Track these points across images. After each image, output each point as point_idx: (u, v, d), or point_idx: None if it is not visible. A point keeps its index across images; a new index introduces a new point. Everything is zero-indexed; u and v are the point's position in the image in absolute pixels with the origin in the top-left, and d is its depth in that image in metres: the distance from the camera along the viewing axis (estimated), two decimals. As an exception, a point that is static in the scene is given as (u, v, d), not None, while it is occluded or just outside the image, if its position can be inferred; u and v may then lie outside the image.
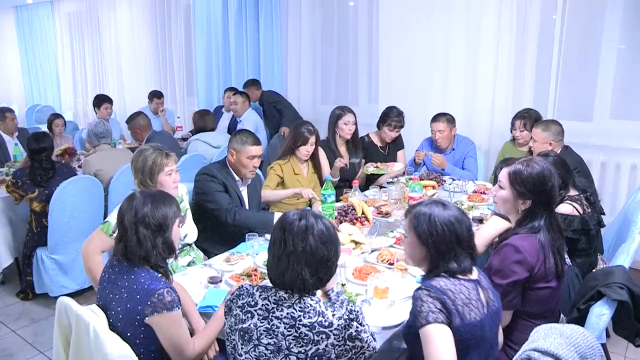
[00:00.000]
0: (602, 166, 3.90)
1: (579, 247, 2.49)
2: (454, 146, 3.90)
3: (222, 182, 2.77)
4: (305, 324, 1.39)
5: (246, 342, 1.44)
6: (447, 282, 1.53)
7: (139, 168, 2.38)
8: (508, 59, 4.10)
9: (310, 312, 1.40)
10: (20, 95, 9.97)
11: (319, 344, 1.38)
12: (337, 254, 1.50)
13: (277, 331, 1.41)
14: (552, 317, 1.99)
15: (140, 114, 4.54)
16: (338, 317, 1.40)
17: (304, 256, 1.42)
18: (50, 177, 3.42)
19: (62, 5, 8.73)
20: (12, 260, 3.70)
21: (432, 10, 4.35)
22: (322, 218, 1.50)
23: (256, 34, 5.74)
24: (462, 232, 1.56)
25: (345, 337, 1.40)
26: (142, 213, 1.70)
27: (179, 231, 1.82)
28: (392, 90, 4.68)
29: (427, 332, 1.44)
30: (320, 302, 1.44)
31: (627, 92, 3.90)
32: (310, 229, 1.44)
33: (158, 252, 1.70)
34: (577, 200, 2.46)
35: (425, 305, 1.47)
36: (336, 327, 1.39)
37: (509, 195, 1.95)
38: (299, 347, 1.38)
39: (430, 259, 1.58)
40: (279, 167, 3.26)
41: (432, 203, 1.63)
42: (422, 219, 1.58)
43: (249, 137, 2.83)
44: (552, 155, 2.56)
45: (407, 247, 1.67)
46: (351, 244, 2.41)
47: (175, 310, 1.64)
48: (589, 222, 2.43)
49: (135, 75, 7.56)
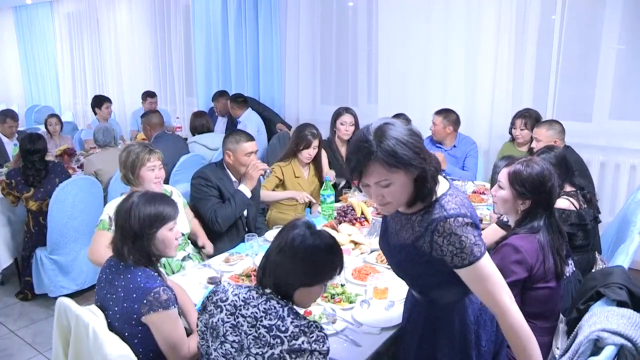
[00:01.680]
0: (602, 166, 3.90)
1: (577, 244, 2.49)
2: (456, 143, 3.91)
3: (216, 185, 2.75)
4: (265, 324, 1.37)
5: (214, 339, 1.43)
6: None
7: (122, 162, 2.46)
8: (507, 59, 4.10)
9: (272, 314, 1.38)
10: (19, 95, 9.96)
11: (274, 348, 1.35)
12: (322, 277, 1.46)
13: (241, 329, 1.39)
14: (552, 317, 1.99)
15: (155, 112, 4.63)
16: (295, 325, 1.36)
17: (287, 268, 1.42)
18: (42, 178, 3.44)
19: (62, 5, 8.72)
20: (11, 261, 3.70)
21: (432, 10, 4.35)
22: (333, 241, 1.48)
23: (255, 34, 5.73)
24: None
25: (294, 348, 1.34)
26: (122, 216, 1.70)
27: (171, 235, 1.77)
28: (391, 91, 4.69)
29: (481, 265, 1.38)
30: (286, 308, 1.40)
31: (627, 92, 3.90)
32: (316, 238, 1.43)
33: (135, 257, 1.69)
34: (574, 196, 2.47)
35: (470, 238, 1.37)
36: (289, 334, 1.35)
37: (509, 196, 1.95)
38: (257, 348, 1.36)
39: None
40: (279, 169, 3.26)
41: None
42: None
43: (242, 135, 2.84)
44: (554, 150, 2.57)
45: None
46: (351, 245, 2.41)
47: (171, 309, 1.64)
48: (585, 217, 2.45)
49: (135, 75, 7.56)
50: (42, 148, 3.46)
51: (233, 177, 2.86)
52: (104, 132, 4.09)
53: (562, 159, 2.51)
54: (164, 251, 1.76)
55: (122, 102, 7.81)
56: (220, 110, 5.62)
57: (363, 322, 1.77)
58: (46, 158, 3.55)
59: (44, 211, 3.37)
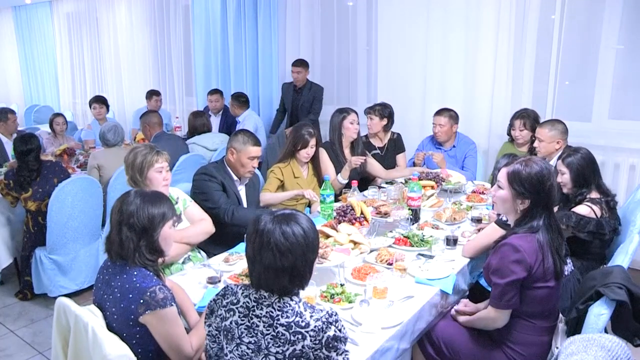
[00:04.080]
0: (601, 166, 3.84)
1: (591, 251, 2.47)
2: (455, 143, 3.91)
3: (221, 181, 2.78)
4: (282, 323, 1.38)
5: (229, 341, 1.43)
6: None
7: (129, 164, 2.43)
8: (507, 59, 4.11)
9: (288, 312, 1.39)
10: (19, 95, 9.95)
11: (295, 345, 1.36)
12: (304, 261, 1.41)
13: (256, 330, 1.40)
14: (551, 317, 1.99)
15: (154, 112, 4.62)
16: (316, 318, 1.38)
17: (263, 263, 1.39)
18: (33, 179, 3.41)
19: (61, 5, 8.71)
20: (11, 261, 3.70)
21: (431, 10, 4.35)
22: (288, 223, 1.41)
23: (255, 34, 5.73)
24: None
25: (322, 342, 1.36)
26: (127, 213, 1.68)
27: (171, 232, 1.79)
28: (391, 90, 4.69)
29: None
30: (300, 303, 1.42)
31: (626, 92, 3.90)
32: (266, 237, 1.38)
33: (141, 253, 1.69)
34: (598, 204, 2.44)
35: None
36: (312, 328, 1.36)
37: (508, 195, 1.95)
38: (277, 347, 1.37)
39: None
40: (279, 171, 3.25)
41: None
42: None
43: (251, 137, 2.85)
44: (581, 151, 2.54)
45: None
46: (350, 244, 2.41)
47: (169, 308, 1.63)
48: (604, 227, 2.41)
49: (134, 75, 7.56)
50: (36, 147, 3.44)
51: (234, 175, 2.88)
52: (115, 132, 4.02)
53: (588, 161, 2.48)
54: (165, 248, 1.76)
55: (121, 101, 7.81)
56: (213, 109, 5.61)
57: (362, 322, 1.77)
58: (46, 158, 3.54)
59: (43, 211, 3.36)
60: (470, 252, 2.35)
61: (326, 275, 2.16)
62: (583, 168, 2.47)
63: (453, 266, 2.25)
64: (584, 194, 2.47)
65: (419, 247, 2.43)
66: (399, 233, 2.59)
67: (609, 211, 2.47)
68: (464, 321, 2.09)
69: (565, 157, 2.53)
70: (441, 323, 2.13)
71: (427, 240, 2.48)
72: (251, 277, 1.45)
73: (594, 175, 2.50)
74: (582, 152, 2.52)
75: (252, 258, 1.42)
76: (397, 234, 2.58)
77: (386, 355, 1.74)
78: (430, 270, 2.18)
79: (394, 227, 2.70)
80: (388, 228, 2.71)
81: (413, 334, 1.94)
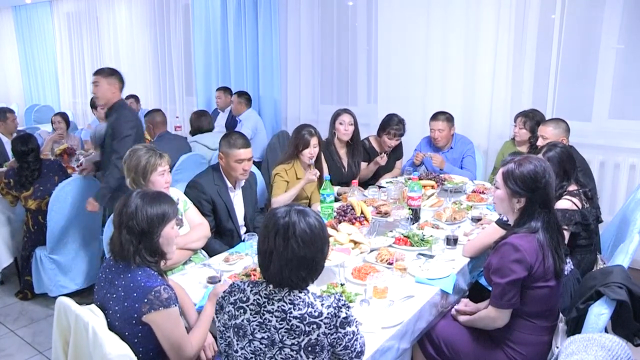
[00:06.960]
0: (601, 166, 3.90)
1: (579, 243, 2.49)
2: (452, 145, 3.90)
3: (210, 198, 2.71)
4: (295, 315, 1.40)
5: (241, 338, 1.45)
6: None
7: (132, 167, 2.40)
8: (507, 58, 4.10)
9: (299, 304, 1.41)
10: (19, 95, 9.95)
11: (310, 334, 1.39)
12: (322, 253, 1.48)
13: (269, 325, 1.42)
14: (552, 316, 1.99)
15: (158, 111, 4.60)
16: (327, 305, 1.42)
17: (285, 255, 1.41)
18: (36, 178, 3.44)
19: (61, 5, 8.72)
20: (11, 260, 3.70)
21: (431, 10, 4.34)
22: (307, 216, 1.46)
23: (255, 34, 5.73)
24: None
25: (336, 325, 1.41)
26: (126, 215, 1.69)
27: (173, 233, 1.78)
28: (391, 90, 4.68)
29: None
30: (309, 294, 1.45)
31: (626, 91, 3.90)
32: (292, 229, 1.42)
33: (141, 256, 1.69)
34: (576, 195, 2.46)
35: None
36: (326, 316, 1.40)
37: (504, 195, 1.95)
38: (292, 339, 1.40)
39: None
40: (284, 172, 3.23)
41: None
42: None
43: (238, 139, 2.76)
44: (560, 145, 2.56)
45: None
46: (350, 244, 2.41)
47: (172, 307, 1.64)
48: (588, 216, 2.44)
49: (134, 74, 7.54)
50: (35, 147, 3.46)
51: (228, 182, 2.82)
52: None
53: (567, 155, 2.50)
54: (167, 249, 1.76)
55: (121, 101, 7.79)
56: (221, 105, 5.63)
57: (363, 322, 1.77)
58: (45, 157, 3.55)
59: (42, 210, 3.37)
60: (471, 252, 2.35)
61: (326, 275, 2.15)
62: (564, 161, 2.50)
63: (453, 266, 2.25)
64: (564, 187, 2.50)
65: (419, 247, 2.43)
66: (399, 233, 2.59)
67: (588, 201, 2.51)
68: (464, 321, 2.10)
69: (546, 151, 2.55)
70: (441, 323, 2.13)
71: (428, 239, 2.48)
72: (266, 272, 1.46)
73: (573, 168, 2.52)
74: (560, 146, 2.56)
75: (271, 251, 1.43)
76: (398, 233, 2.58)
77: (386, 355, 1.74)
78: (430, 270, 2.18)
79: (394, 227, 2.70)
80: (388, 228, 2.71)
81: (413, 334, 1.94)
